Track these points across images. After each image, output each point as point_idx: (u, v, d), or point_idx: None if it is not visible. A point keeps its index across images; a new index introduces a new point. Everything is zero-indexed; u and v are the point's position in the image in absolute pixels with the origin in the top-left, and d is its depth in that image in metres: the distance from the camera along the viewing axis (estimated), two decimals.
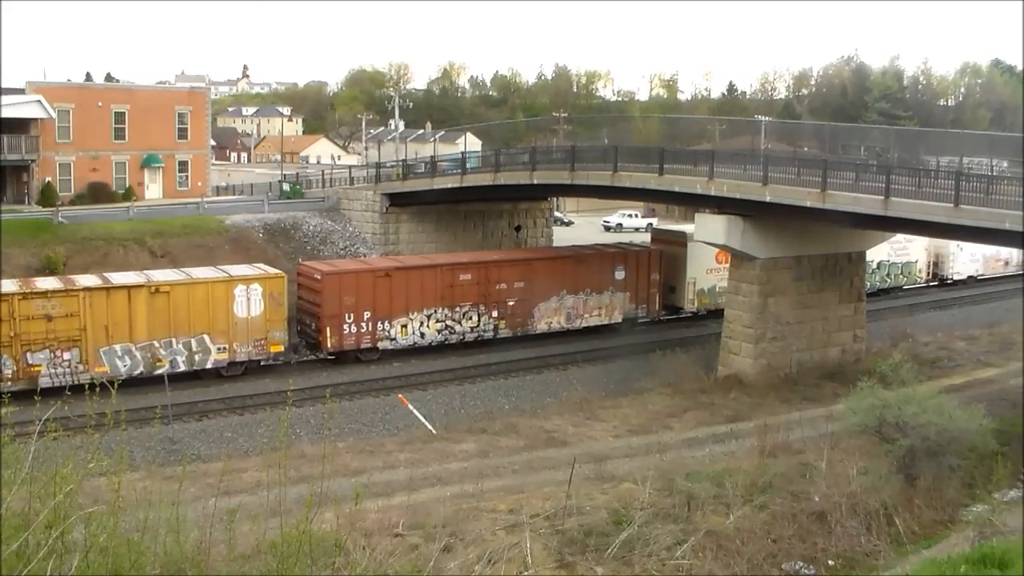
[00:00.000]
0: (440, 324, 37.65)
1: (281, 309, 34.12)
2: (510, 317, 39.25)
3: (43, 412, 9.34)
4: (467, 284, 38.14)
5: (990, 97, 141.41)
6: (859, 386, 23.65)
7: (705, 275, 44.10)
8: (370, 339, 36.05)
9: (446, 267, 38.18)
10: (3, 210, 45.04)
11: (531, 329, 39.92)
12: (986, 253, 56.54)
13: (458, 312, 38.02)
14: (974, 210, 26.40)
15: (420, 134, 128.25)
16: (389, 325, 36.40)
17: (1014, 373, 34.33)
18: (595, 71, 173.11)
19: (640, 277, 42.50)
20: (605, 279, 41.67)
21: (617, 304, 41.98)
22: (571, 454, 24.09)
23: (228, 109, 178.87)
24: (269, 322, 33.63)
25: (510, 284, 39.12)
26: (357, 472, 22.97)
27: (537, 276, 39.82)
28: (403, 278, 36.78)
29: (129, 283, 32.21)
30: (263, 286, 33.55)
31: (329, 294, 35.10)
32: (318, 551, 8.57)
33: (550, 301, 40.18)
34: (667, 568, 17.33)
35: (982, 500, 20.58)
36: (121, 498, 7.70)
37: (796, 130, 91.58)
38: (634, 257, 43.08)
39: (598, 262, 42.14)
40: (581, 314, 41.18)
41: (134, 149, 57.30)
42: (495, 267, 39.25)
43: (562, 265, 41.23)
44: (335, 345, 35.41)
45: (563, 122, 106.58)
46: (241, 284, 33.24)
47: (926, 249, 53.45)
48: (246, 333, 33.28)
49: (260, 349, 33.76)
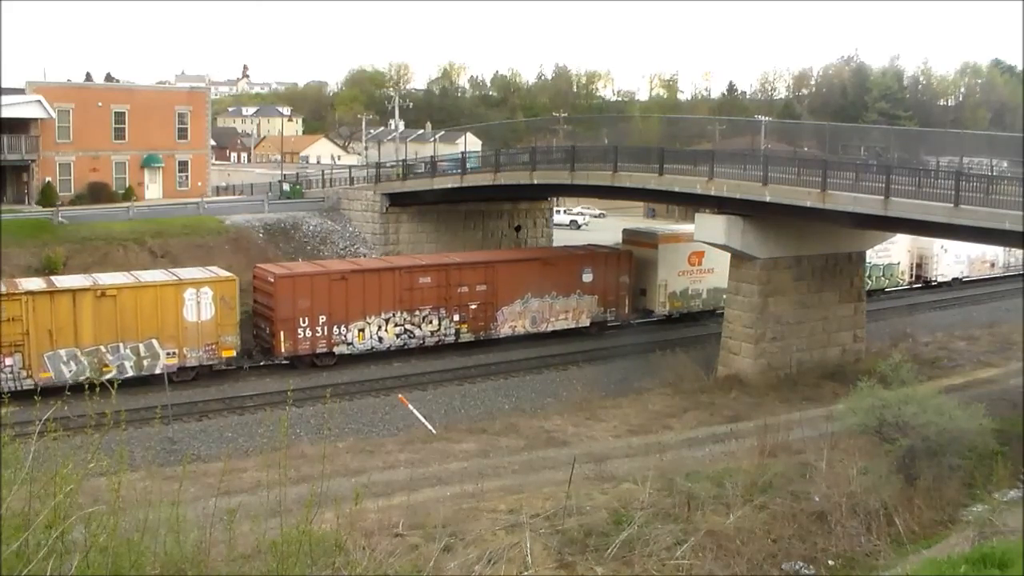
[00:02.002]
0: (399, 328, 36.69)
1: (233, 313, 33.21)
2: (472, 321, 38.28)
3: (43, 412, 9.35)
4: (427, 287, 37.20)
5: (990, 97, 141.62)
6: (859, 386, 23.66)
7: (677, 277, 43.21)
8: (326, 344, 35.17)
9: (404, 270, 37.23)
10: (3, 210, 45.03)
11: (494, 333, 38.92)
12: (971, 255, 54.42)
13: (417, 316, 37.06)
14: (974, 210, 26.41)
15: (420, 134, 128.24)
16: (345, 329, 35.46)
17: (1014, 373, 34.35)
18: (595, 71, 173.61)
19: (609, 279, 41.47)
20: (572, 282, 40.64)
21: (585, 307, 40.97)
22: (571, 454, 24.07)
23: (228, 109, 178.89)
24: (220, 326, 32.78)
25: (472, 287, 38.12)
26: (357, 472, 22.96)
27: (500, 279, 38.74)
28: (359, 281, 35.86)
29: (74, 286, 31.25)
30: (214, 289, 32.70)
31: (283, 297, 34.24)
32: (318, 551, 8.57)
33: (514, 304, 39.21)
34: (667, 568, 17.32)
35: (982, 500, 20.57)
36: (121, 498, 7.70)
37: (796, 130, 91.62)
38: (602, 259, 42.04)
39: (565, 264, 41.08)
40: (547, 318, 40.17)
41: (134, 149, 57.31)
42: (456, 269, 38.16)
43: (526, 267, 40.10)
44: (289, 350, 34.54)
45: (563, 122, 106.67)
46: (191, 287, 32.42)
47: (909, 251, 51.55)
48: (197, 338, 32.42)
49: (211, 354, 32.85)
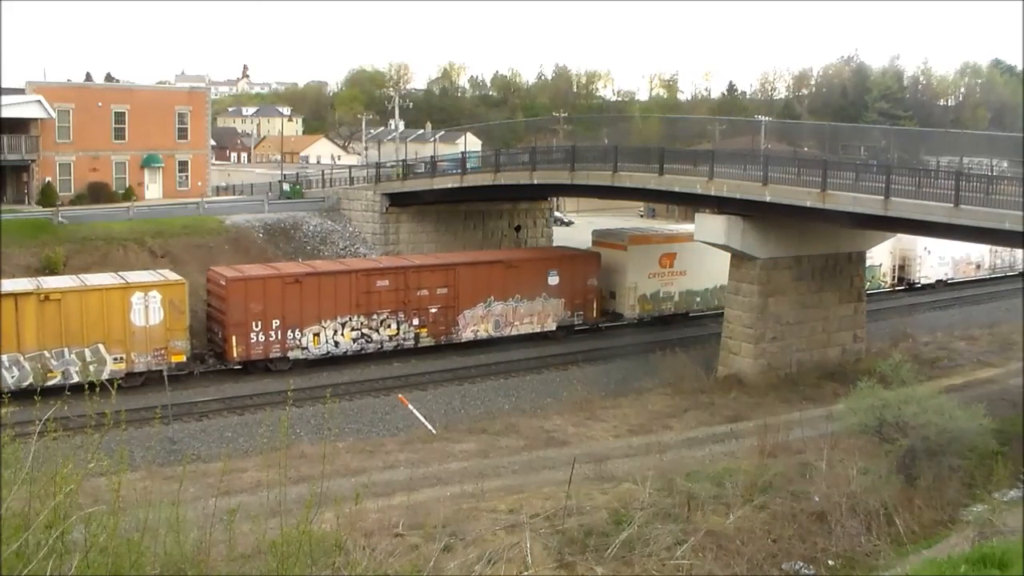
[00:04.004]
0: (356, 332, 35.91)
1: (183, 317, 32.44)
2: (432, 325, 37.57)
3: (43, 412, 9.35)
4: (385, 290, 36.49)
5: (990, 97, 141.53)
6: (859, 386, 23.65)
7: (648, 280, 42.61)
8: (280, 348, 34.41)
9: (361, 273, 36.47)
10: (3, 210, 45.02)
11: (456, 338, 38.22)
12: (955, 256, 53.64)
13: (375, 320, 36.31)
14: (974, 210, 26.40)
15: (420, 134, 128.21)
16: (300, 334, 34.72)
17: (1014, 373, 34.34)
18: (595, 71, 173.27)
19: (576, 282, 40.79)
20: (537, 285, 39.93)
21: (551, 311, 40.30)
22: (571, 454, 24.08)
23: (228, 109, 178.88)
24: (170, 331, 32.05)
25: (432, 290, 37.47)
26: (357, 472, 22.97)
27: (462, 282, 38.07)
28: (314, 284, 35.11)
29: (16, 290, 30.53)
30: (162, 293, 32.00)
31: (234, 301, 33.53)
32: (318, 551, 8.58)
33: (476, 308, 38.52)
34: (667, 568, 17.33)
35: (982, 500, 20.57)
36: (121, 498, 7.70)
37: (796, 130, 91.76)
38: (569, 261, 41.54)
39: (529, 267, 40.37)
40: (511, 322, 39.48)
41: (134, 149, 57.31)
42: (415, 272, 37.47)
43: (489, 270, 39.24)
44: (241, 354, 33.76)
45: (563, 122, 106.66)
46: (139, 291, 31.73)
47: (891, 252, 50.38)
48: (145, 343, 31.68)
49: (161, 359, 31.96)
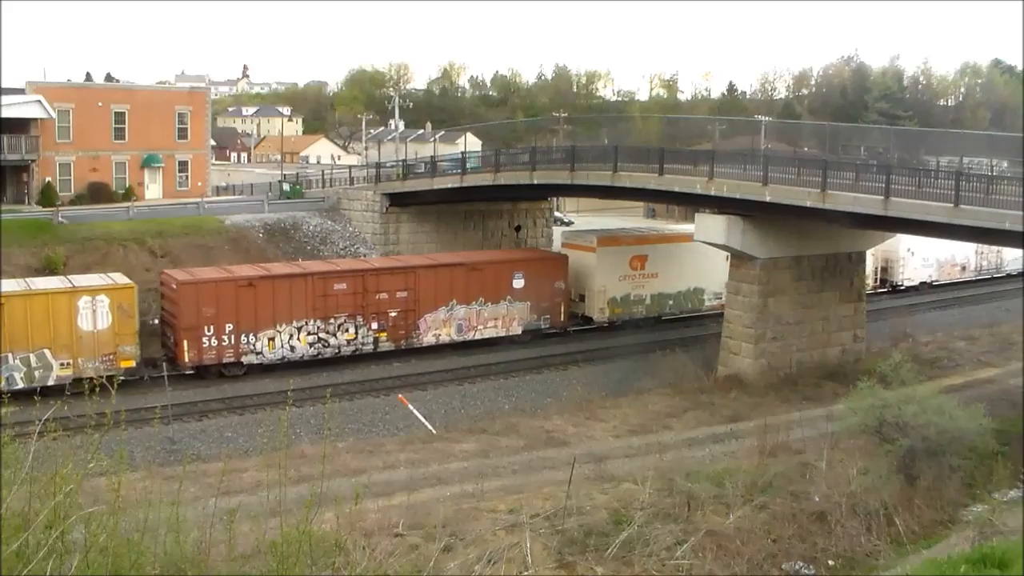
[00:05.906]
0: (312, 337, 35.09)
1: (132, 321, 31.72)
2: (392, 329, 36.72)
3: (43, 412, 9.36)
4: (342, 294, 35.62)
5: (990, 97, 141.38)
6: (859, 386, 23.69)
7: (618, 283, 42.02)
8: (233, 353, 33.54)
9: (317, 276, 35.62)
10: (3, 210, 45.01)
11: (416, 342, 37.38)
12: (940, 258, 53.07)
13: (332, 324, 35.46)
14: (974, 210, 26.41)
15: (420, 134, 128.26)
16: (254, 338, 33.85)
17: (1014, 373, 34.34)
18: (595, 71, 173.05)
19: (542, 285, 39.91)
20: (502, 288, 39.06)
21: (516, 315, 39.41)
22: (571, 454, 24.09)
23: (228, 109, 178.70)
24: (118, 336, 31.30)
25: (391, 294, 36.61)
26: (357, 472, 22.98)
27: (423, 285, 37.26)
28: (269, 288, 34.22)
29: None
30: (111, 297, 31.30)
31: (186, 304, 32.75)
32: (318, 551, 8.59)
33: (438, 312, 37.67)
34: (667, 568, 17.35)
35: (982, 500, 20.62)
36: (121, 498, 7.71)
37: (796, 130, 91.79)
38: (535, 264, 40.88)
39: (493, 270, 39.26)
40: (474, 326, 38.62)
41: (134, 149, 57.26)
42: (373, 275, 36.61)
43: (451, 273, 38.32)
44: (193, 359, 32.94)
45: (563, 122, 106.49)
46: (85, 295, 31.04)
47: (873, 254, 48.93)
48: (92, 348, 30.92)
49: (109, 365, 30.87)
